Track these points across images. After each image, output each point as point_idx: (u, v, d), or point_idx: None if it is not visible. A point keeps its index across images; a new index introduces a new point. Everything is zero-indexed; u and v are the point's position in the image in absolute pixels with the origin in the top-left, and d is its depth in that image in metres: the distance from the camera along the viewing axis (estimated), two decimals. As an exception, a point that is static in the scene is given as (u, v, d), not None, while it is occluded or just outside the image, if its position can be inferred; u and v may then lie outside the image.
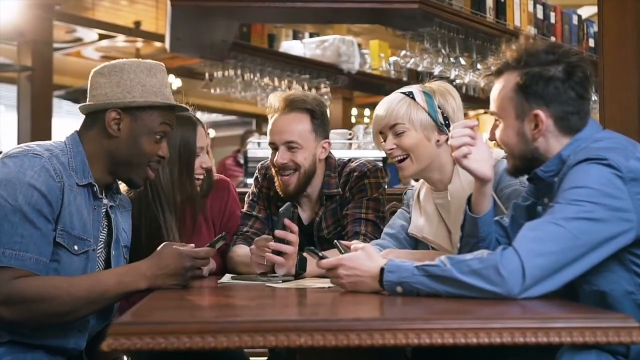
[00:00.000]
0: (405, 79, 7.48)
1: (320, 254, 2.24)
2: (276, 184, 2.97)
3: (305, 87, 7.00)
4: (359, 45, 7.43)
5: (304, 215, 3.04)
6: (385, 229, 2.81)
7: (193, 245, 2.36)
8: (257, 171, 3.14)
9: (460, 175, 2.58)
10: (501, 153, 2.50)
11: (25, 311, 2.17)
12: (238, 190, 3.25)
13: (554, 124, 2.11)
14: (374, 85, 7.76)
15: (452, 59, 5.36)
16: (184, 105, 2.51)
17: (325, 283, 2.25)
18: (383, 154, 4.86)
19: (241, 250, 2.89)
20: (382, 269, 2.00)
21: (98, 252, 2.43)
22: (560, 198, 1.96)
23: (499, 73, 2.20)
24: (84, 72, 2.54)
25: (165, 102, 2.40)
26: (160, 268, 2.26)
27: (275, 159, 2.90)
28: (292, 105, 2.90)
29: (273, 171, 2.97)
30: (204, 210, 2.99)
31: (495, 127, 2.23)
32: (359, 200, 2.93)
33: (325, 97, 7.12)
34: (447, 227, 2.64)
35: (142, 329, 1.54)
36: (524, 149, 2.15)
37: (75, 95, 9.31)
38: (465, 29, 5.23)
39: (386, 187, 3.04)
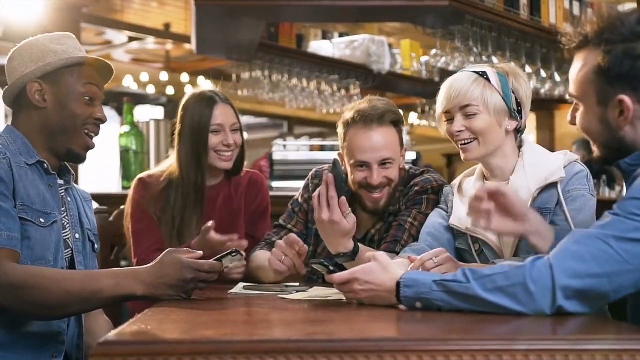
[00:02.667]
0: (437, 79, 7.32)
1: (330, 267, 2.09)
2: (350, 198, 2.74)
3: (335, 88, 6.88)
4: (390, 45, 7.29)
5: (358, 228, 2.79)
6: (422, 229, 2.64)
7: (201, 252, 2.23)
8: (310, 179, 2.97)
9: (525, 169, 2.44)
10: (573, 157, 2.42)
11: (13, 298, 2.07)
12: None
13: None
14: (405, 86, 7.60)
15: (484, 58, 5.19)
16: (105, 60, 2.44)
17: (341, 294, 2.09)
18: (413, 155, 4.79)
19: (263, 255, 2.75)
20: (398, 283, 1.84)
21: (65, 232, 2.34)
22: (619, 207, 1.73)
23: (578, 49, 1.92)
24: (114, 74, 2.47)
25: (80, 56, 2.34)
26: (160, 277, 2.12)
27: (370, 179, 2.69)
28: (382, 118, 2.69)
29: (354, 187, 2.76)
30: (238, 200, 3.05)
31: (575, 110, 1.98)
32: (410, 210, 2.75)
33: (355, 98, 6.97)
34: None
35: (127, 350, 1.41)
36: (609, 138, 1.90)
37: (106, 98, 9.29)
38: (498, 27, 5.07)
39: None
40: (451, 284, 1.76)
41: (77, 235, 2.40)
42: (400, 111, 2.83)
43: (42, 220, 2.22)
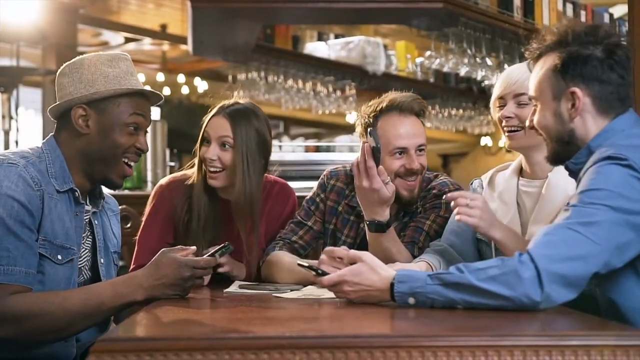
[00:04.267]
0: (432, 80, 7.38)
1: (319, 270, 2.13)
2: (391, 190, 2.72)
3: (330, 89, 6.92)
4: (385, 47, 7.34)
5: None
6: (446, 227, 2.67)
7: (195, 248, 2.27)
8: (325, 179, 2.96)
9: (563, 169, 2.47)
10: None
11: (19, 329, 2.08)
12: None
13: (592, 103, 2.04)
14: (400, 87, 7.64)
15: (478, 60, 5.25)
16: (154, 91, 2.41)
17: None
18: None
19: (288, 258, 2.73)
20: (393, 280, 1.90)
21: (82, 260, 2.34)
22: (577, 200, 1.88)
23: (538, 57, 2.14)
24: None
25: (129, 88, 2.31)
26: (158, 278, 2.15)
27: (411, 164, 2.71)
28: (413, 108, 2.76)
29: (389, 177, 2.66)
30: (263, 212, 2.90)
31: (533, 112, 2.17)
32: (429, 212, 2.79)
33: (351, 99, 7.03)
34: (520, 219, 2.53)
35: (127, 346, 1.45)
36: (560, 131, 2.08)
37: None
38: (492, 29, 5.13)
39: None
40: (446, 276, 1.83)
41: (102, 260, 2.40)
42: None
43: (59, 257, 2.21)
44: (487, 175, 2.71)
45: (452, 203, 2.35)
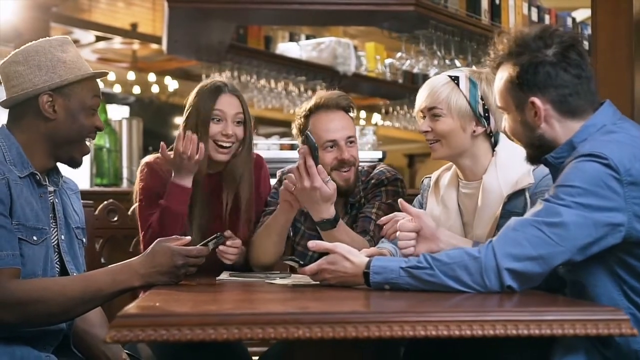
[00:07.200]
0: (401, 81, 7.52)
1: (300, 262, 2.31)
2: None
3: (302, 89, 7.03)
4: (355, 48, 7.46)
5: None
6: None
7: (189, 238, 2.39)
8: (282, 177, 3.06)
9: (497, 170, 2.52)
10: None
11: (21, 314, 2.18)
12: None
13: (553, 109, 2.11)
14: (369, 88, 7.80)
15: (447, 61, 5.38)
16: (103, 71, 2.49)
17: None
18: (379, 154, 4.96)
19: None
20: (367, 270, 2.07)
21: (53, 239, 2.43)
22: (550, 194, 1.97)
23: (497, 66, 2.23)
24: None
25: (92, 72, 2.41)
26: (153, 266, 2.28)
27: (342, 155, 2.88)
28: (340, 104, 2.94)
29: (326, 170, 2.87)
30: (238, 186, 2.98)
31: (506, 120, 2.26)
32: (372, 202, 2.95)
33: (321, 99, 7.13)
34: (462, 220, 2.61)
35: (144, 321, 1.59)
36: (530, 137, 2.17)
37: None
38: (461, 31, 5.26)
39: (405, 194, 2.98)
40: (418, 271, 1.99)
41: (62, 237, 2.46)
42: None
43: (35, 237, 2.30)
44: (435, 174, 2.78)
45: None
